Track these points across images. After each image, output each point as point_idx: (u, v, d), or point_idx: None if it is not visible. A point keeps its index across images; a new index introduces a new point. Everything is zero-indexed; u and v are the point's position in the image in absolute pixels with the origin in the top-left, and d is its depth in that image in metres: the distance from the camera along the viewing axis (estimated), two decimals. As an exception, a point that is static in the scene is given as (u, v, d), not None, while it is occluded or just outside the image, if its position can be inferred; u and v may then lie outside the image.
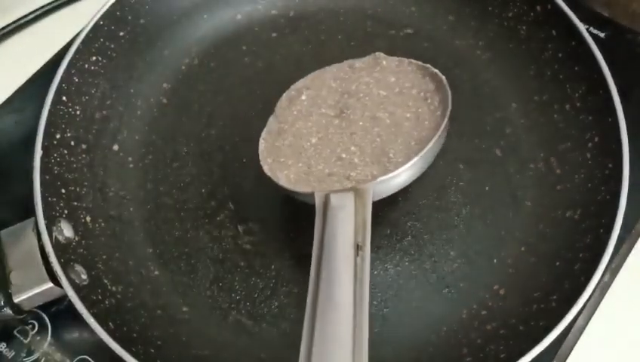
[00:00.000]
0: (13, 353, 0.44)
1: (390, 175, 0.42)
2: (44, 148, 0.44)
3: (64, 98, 0.47)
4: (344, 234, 0.38)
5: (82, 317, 0.38)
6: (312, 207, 0.41)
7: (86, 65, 0.50)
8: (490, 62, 0.55)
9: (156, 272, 0.47)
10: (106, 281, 0.43)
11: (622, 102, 0.45)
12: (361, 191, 0.40)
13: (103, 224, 0.47)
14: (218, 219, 0.49)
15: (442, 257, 0.47)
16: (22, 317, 0.44)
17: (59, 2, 0.63)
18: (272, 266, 0.46)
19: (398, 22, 0.57)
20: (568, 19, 0.49)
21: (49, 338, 0.45)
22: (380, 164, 0.43)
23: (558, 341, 0.39)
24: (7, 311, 0.41)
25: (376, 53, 0.49)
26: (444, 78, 0.45)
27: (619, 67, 0.47)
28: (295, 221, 0.48)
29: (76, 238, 0.44)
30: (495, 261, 0.46)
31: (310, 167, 0.45)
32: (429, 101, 0.46)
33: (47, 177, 0.44)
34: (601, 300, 0.46)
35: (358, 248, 0.37)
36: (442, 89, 0.45)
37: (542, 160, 0.50)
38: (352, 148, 0.45)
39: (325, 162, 0.45)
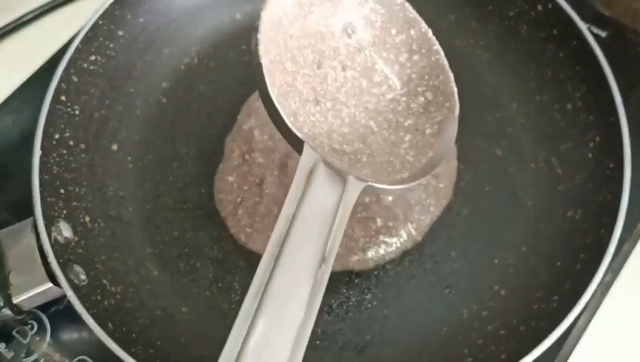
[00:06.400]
0: (13, 353, 0.44)
1: (386, 186, 0.38)
2: (43, 148, 0.44)
3: (63, 98, 0.47)
4: (317, 236, 0.33)
5: (81, 317, 0.38)
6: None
7: (85, 65, 0.49)
8: (491, 62, 0.55)
9: (155, 272, 0.46)
10: (105, 281, 0.43)
11: (623, 101, 0.45)
12: (352, 186, 0.36)
13: (102, 224, 0.47)
14: (218, 218, 0.48)
15: (443, 257, 0.46)
16: (21, 317, 0.44)
17: (58, 2, 0.62)
18: (272, 266, 0.46)
19: (398, 21, 0.57)
20: (569, 18, 0.49)
21: (48, 338, 0.45)
22: (382, 169, 0.40)
23: (559, 341, 0.38)
24: (7, 311, 0.40)
25: None
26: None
27: (620, 67, 0.46)
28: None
29: (75, 238, 0.43)
30: (496, 261, 0.46)
31: (321, 118, 0.41)
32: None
33: (46, 177, 0.44)
34: (602, 300, 0.46)
35: (322, 258, 0.33)
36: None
37: (543, 160, 0.49)
38: (371, 125, 0.42)
39: (338, 122, 0.41)
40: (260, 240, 0.47)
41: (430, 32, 0.44)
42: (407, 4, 0.44)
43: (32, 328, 0.45)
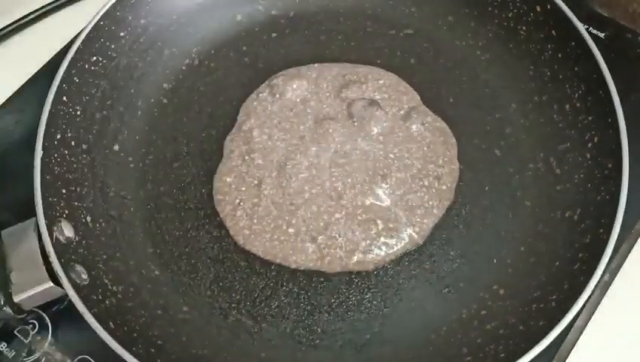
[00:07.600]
0: (14, 353, 0.44)
1: None
2: (44, 148, 0.44)
3: (65, 98, 0.47)
4: None
5: (83, 316, 0.38)
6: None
7: (86, 66, 0.50)
8: (490, 63, 0.55)
9: (156, 272, 0.47)
10: (106, 281, 0.43)
11: (621, 102, 0.45)
12: None
13: (103, 224, 0.47)
14: (218, 219, 0.49)
15: (442, 257, 0.47)
16: (22, 316, 0.44)
17: (59, 2, 0.63)
18: (272, 266, 0.46)
19: (398, 22, 0.57)
20: (568, 19, 0.49)
21: (49, 338, 0.45)
22: None
23: (557, 341, 0.39)
24: (8, 310, 0.41)
25: None
26: None
27: (619, 67, 0.47)
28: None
29: (77, 238, 0.44)
30: (495, 261, 0.46)
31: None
32: None
33: (48, 177, 0.44)
34: (600, 300, 0.46)
35: None
36: None
37: (541, 160, 0.50)
38: None
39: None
40: (259, 243, 0.47)
41: None
42: None
43: (33, 327, 0.45)
